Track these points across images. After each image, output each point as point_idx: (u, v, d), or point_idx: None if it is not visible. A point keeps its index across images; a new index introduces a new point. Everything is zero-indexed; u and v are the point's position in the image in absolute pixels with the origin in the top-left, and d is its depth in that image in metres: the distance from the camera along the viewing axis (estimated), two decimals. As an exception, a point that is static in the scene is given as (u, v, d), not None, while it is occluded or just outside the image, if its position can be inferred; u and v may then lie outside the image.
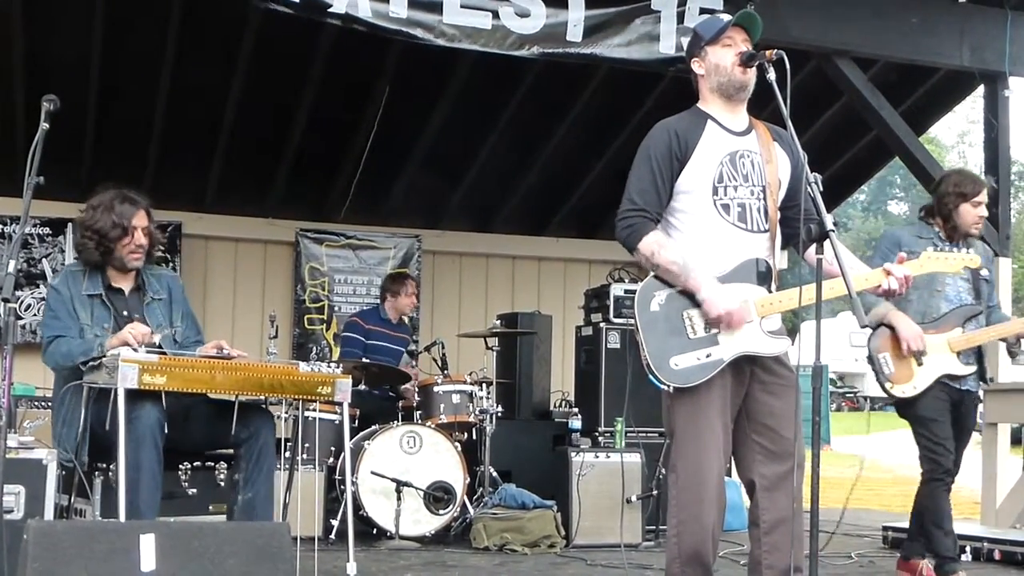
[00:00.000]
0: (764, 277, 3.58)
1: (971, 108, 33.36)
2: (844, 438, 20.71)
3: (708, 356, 3.49)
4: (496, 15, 6.12)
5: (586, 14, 6.28)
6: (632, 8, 6.42)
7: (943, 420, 4.84)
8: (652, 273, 3.60)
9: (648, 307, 3.52)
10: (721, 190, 3.58)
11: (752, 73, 3.62)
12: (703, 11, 6.39)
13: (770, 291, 3.58)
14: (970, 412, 5.06)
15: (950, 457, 4.84)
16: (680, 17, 6.44)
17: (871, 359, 4.87)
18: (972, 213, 4.98)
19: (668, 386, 3.48)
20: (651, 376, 3.49)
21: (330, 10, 5.80)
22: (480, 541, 6.12)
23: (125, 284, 4.43)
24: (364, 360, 7.01)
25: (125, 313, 4.34)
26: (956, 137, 43.16)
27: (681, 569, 3.53)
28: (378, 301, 7.94)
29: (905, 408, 4.90)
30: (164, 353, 4.01)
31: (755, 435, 3.60)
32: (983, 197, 5.02)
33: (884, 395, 4.98)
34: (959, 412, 4.96)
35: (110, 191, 4.43)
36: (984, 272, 5.00)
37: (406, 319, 8.01)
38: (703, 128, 3.62)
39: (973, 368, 4.93)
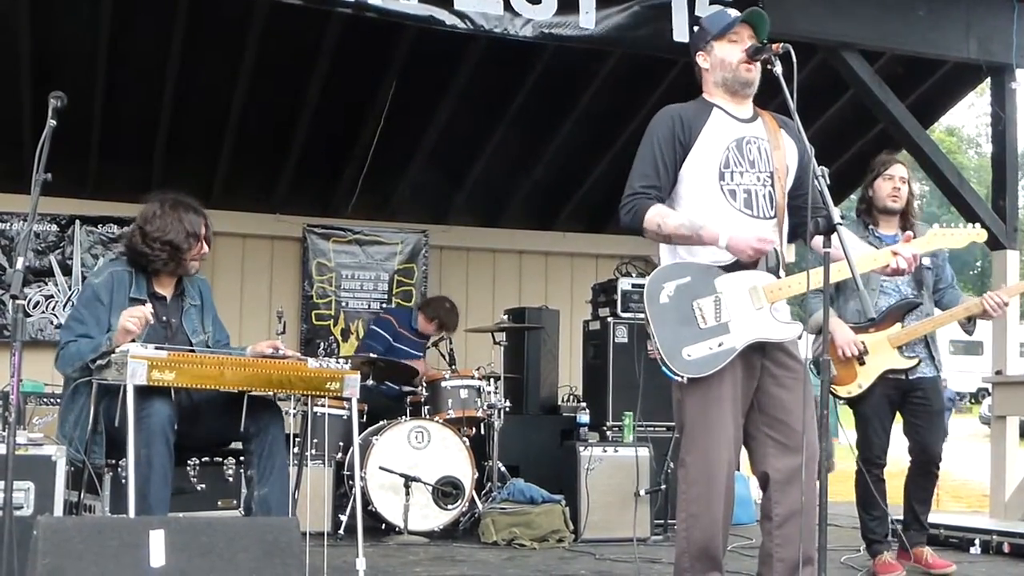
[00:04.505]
0: (772, 263, 3.56)
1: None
2: (852, 431, 20.68)
3: (720, 344, 3.48)
4: (507, 1, 6.13)
5: (597, 2, 6.30)
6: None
7: (880, 417, 5.05)
8: (659, 265, 3.60)
9: (657, 299, 3.51)
10: (727, 175, 3.58)
11: (757, 70, 3.61)
12: (713, 1, 6.40)
13: (778, 277, 3.57)
14: (933, 396, 5.14)
15: (883, 452, 5.09)
16: (691, 6, 6.45)
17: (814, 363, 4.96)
18: (884, 186, 5.10)
19: (682, 377, 3.47)
20: (664, 368, 3.48)
21: None
22: (489, 536, 6.13)
23: (167, 291, 4.37)
24: (372, 355, 7.02)
25: (164, 319, 4.30)
26: (973, 130, 42.94)
27: (691, 563, 3.53)
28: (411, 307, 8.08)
29: (852, 404, 5.10)
30: (192, 350, 3.98)
31: (768, 429, 3.59)
32: (896, 171, 5.11)
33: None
34: (916, 400, 5.08)
35: (167, 198, 4.31)
36: (925, 260, 5.02)
37: None
38: (708, 114, 3.62)
39: (916, 360, 5.00)
